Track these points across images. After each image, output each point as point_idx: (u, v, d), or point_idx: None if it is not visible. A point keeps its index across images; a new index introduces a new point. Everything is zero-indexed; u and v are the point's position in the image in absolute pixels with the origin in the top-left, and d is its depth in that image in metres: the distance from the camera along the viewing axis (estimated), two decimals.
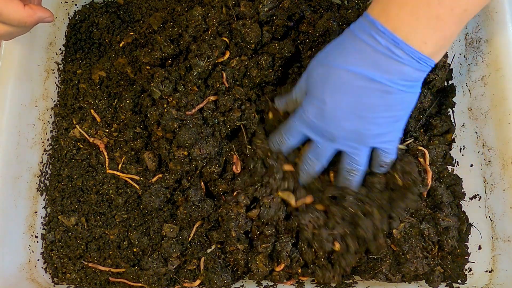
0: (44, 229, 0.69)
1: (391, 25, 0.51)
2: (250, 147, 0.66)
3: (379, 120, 0.56)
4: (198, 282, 0.65)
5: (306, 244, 0.64)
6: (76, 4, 0.78)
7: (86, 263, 0.67)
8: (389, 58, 0.51)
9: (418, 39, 0.50)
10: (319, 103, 0.56)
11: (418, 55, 0.51)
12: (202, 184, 0.67)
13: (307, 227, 0.63)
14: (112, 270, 0.66)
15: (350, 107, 0.55)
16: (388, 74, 0.52)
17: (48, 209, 0.70)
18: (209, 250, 0.65)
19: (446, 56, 0.74)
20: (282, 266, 0.64)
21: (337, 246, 0.62)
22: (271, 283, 0.66)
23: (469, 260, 0.68)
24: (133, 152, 0.69)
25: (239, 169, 0.66)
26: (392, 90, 0.53)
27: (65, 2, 0.76)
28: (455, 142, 0.73)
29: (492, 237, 0.68)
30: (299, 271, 0.65)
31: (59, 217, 0.69)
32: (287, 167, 0.65)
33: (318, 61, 0.58)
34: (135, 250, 0.66)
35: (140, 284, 0.65)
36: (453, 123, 0.73)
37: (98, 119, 0.71)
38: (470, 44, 0.71)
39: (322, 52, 0.59)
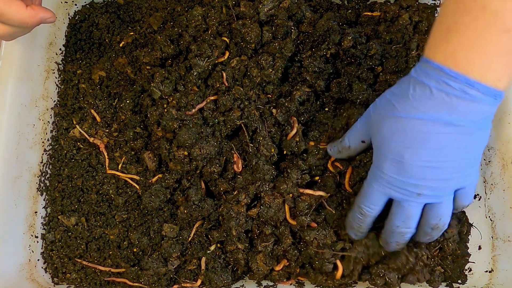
0: (44, 229, 0.69)
1: (461, 69, 0.49)
2: (252, 145, 0.66)
3: (461, 163, 0.53)
4: (198, 282, 0.65)
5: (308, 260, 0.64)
6: (76, 4, 0.78)
7: (80, 261, 0.67)
8: (466, 100, 0.49)
9: (492, 77, 0.49)
10: (397, 158, 0.53)
11: (493, 92, 0.49)
12: (202, 184, 0.67)
13: (311, 243, 0.63)
14: (112, 270, 0.66)
15: (431, 155, 0.52)
16: (465, 115, 0.50)
17: (48, 209, 0.70)
18: (209, 250, 0.65)
19: None
20: (282, 265, 0.65)
21: (340, 270, 0.62)
22: (271, 283, 0.66)
23: (469, 260, 0.68)
24: (133, 152, 0.69)
25: (241, 168, 0.66)
26: (471, 131, 0.51)
27: (65, 2, 0.76)
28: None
29: (492, 237, 0.68)
30: (298, 270, 0.65)
31: (59, 217, 0.69)
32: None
33: (382, 112, 0.55)
34: (135, 250, 0.66)
35: (140, 284, 0.65)
36: None
37: (98, 119, 0.71)
38: None
39: (383, 102, 0.56)
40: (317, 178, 0.67)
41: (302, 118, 0.69)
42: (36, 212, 0.69)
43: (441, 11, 0.53)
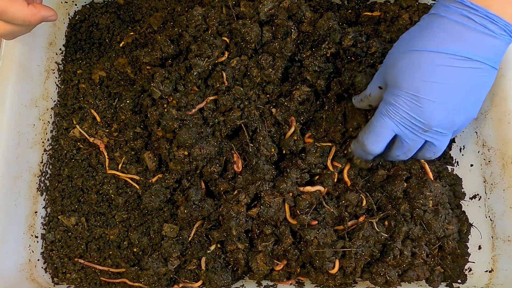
0: (44, 229, 0.69)
1: (483, 2, 0.50)
2: (252, 145, 0.66)
3: (470, 102, 0.55)
4: (200, 283, 0.65)
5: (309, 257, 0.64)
6: (76, 4, 0.78)
7: (79, 261, 0.67)
8: (484, 34, 0.51)
9: (509, 12, 0.50)
10: (413, 93, 0.53)
11: (510, 27, 0.51)
12: (203, 184, 0.67)
13: (312, 243, 0.63)
14: (112, 270, 0.66)
15: (447, 92, 0.53)
16: (483, 52, 0.52)
17: (48, 209, 0.70)
18: (209, 250, 0.65)
19: None
20: (282, 265, 0.65)
21: (336, 267, 0.62)
22: (271, 283, 0.66)
23: (469, 260, 0.68)
24: (133, 152, 0.69)
25: (241, 167, 0.66)
26: (486, 68, 0.52)
27: (65, 2, 0.76)
28: (455, 142, 0.73)
29: (492, 237, 0.68)
30: (298, 270, 0.65)
31: (59, 217, 0.69)
32: None
33: (400, 49, 0.56)
34: (135, 250, 0.66)
35: (140, 284, 0.65)
36: None
37: (98, 119, 0.71)
38: None
39: (402, 39, 0.57)
40: (316, 178, 0.68)
41: (302, 118, 0.69)
42: (36, 212, 0.68)
43: None
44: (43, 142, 0.71)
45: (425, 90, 0.53)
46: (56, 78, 0.74)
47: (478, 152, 0.71)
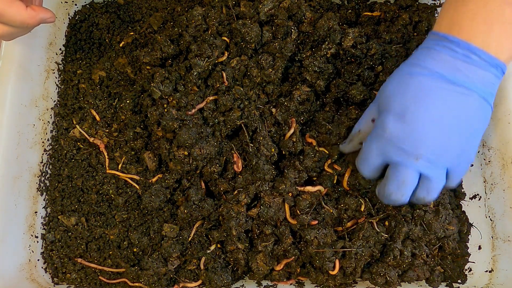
0: (44, 229, 0.69)
1: (465, 36, 0.51)
2: (252, 145, 0.66)
3: (462, 131, 0.53)
4: (199, 282, 0.65)
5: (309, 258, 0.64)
6: (76, 4, 0.78)
7: (79, 260, 0.67)
8: (468, 64, 0.51)
9: (493, 46, 0.51)
10: (401, 113, 0.53)
11: (495, 61, 0.51)
12: (203, 184, 0.67)
13: (312, 243, 0.63)
14: (112, 270, 0.66)
15: (436, 114, 0.52)
16: (468, 77, 0.51)
17: (48, 209, 0.70)
18: (209, 250, 0.65)
19: None
20: (282, 265, 0.65)
21: (336, 267, 0.62)
22: (271, 283, 0.66)
23: (469, 260, 0.68)
24: (133, 152, 0.69)
25: (241, 168, 0.66)
26: (475, 97, 0.52)
27: (65, 2, 0.76)
28: None
29: (492, 237, 0.68)
30: (298, 270, 0.65)
31: (59, 217, 0.69)
32: None
33: (390, 78, 0.57)
34: (135, 250, 0.66)
35: (140, 284, 0.65)
36: None
37: (98, 119, 0.71)
38: None
39: (394, 72, 0.57)
40: (314, 178, 0.68)
41: (302, 118, 0.69)
42: (36, 212, 0.68)
43: None
44: (43, 142, 0.71)
45: (413, 111, 0.52)
46: (56, 78, 0.74)
47: (478, 152, 0.71)
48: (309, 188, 0.64)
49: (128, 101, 0.70)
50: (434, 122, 0.52)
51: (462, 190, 0.71)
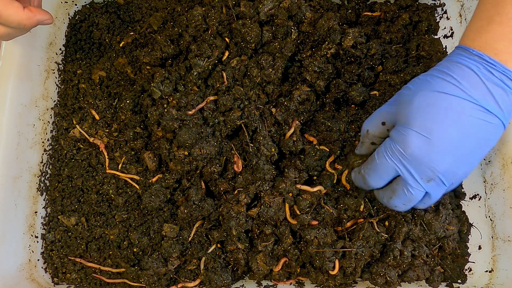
0: (44, 229, 0.69)
1: (501, 58, 0.49)
2: (252, 145, 0.66)
3: (476, 155, 0.52)
4: (197, 281, 0.65)
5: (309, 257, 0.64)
6: (76, 4, 0.78)
7: (79, 260, 0.67)
8: (502, 89, 0.49)
9: None
10: (425, 133, 0.50)
11: None
12: (203, 184, 0.67)
13: (312, 243, 0.63)
14: (112, 270, 0.66)
15: (460, 139, 0.50)
16: (499, 105, 0.50)
17: (48, 209, 0.70)
18: (209, 250, 0.65)
19: None
20: (280, 266, 0.64)
21: (336, 267, 0.62)
22: (271, 283, 0.66)
23: (469, 260, 0.68)
24: (133, 152, 0.69)
25: (241, 168, 0.66)
26: (498, 124, 0.51)
27: (65, 2, 0.76)
28: None
29: (492, 237, 0.68)
30: (298, 270, 0.65)
31: (59, 217, 0.69)
32: None
33: (418, 87, 0.53)
34: (135, 250, 0.66)
35: (140, 284, 0.65)
36: None
37: (98, 118, 0.71)
38: None
39: (419, 80, 0.54)
40: (314, 178, 0.68)
41: (302, 118, 0.69)
42: (36, 212, 0.68)
43: (479, 3, 0.53)
44: (43, 142, 0.71)
45: (438, 133, 0.50)
46: (56, 78, 0.74)
47: None
48: (306, 187, 0.65)
49: (128, 101, 0.70)
50: (455, 148, 0.51)
51: (462, 190, 0.71)
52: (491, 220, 0.68)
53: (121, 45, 0.75)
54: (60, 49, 0.76)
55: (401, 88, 0.57)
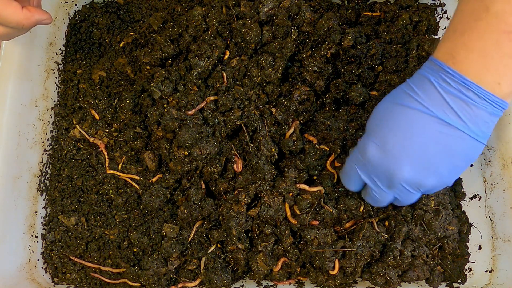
0: (44, 229, 0.69)
1: (460, 68, 0.48)
2: (252, 145, 0.66)
3: (444, 168, 0.52)
4: (197, 281, 0.65)
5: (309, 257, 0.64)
6: (76, 4, 0.78)
7: (78, 260, 0.67)
8: (461, 100, 0.48)
9: (490, 80, 0.47)
10: (380, 140, 0.52)
11: (492, 97, 0.47)
12: (203, 184, 0.67)
13: (312, 243, 0.63)
14: (112, 270, 0.66)
15: (416, 150, 0.50)
16: (459, 117, 0.49)
17: (48, 209, 0.70)
18: (209, 250, 0.65)
19: None
20: (279, 266, 0.64)
21: (336, 267, 0.62)
22: (271, 283, 0.66)
23: (469, 260, 0.68)
24: (133, 152, 0.69)
25: (241, 168, 0.66)
26: (466, 138, 0.50)
27: (65, 2, 0.76)
28: None
29: (492, 237, 0.68)
30: (298, 270, 0.65)
31: (59, 217, 0.69)
32: None
33: (383, 101, 0.55)
34: (135, 250, 0.66)
35: (140, 284, 0.65)
36: None
37: (98, 118, 0.71)
38: None
39: (390, 93, 0.56)
40: (314, 177, 0.68)
41: (302, 118, 0.69)
42: (36, 212, 0.68)
43: (454, 12, 0.52)
44: (43, 142, 0.71)
45: (393, 142, 0.51)
46: (56, 78, 0.74)
47: None
48: (305, 186, 0.65)
49: (128, 101, 0.70)
50: (412, 158, 0.51)
51: (462, 190, 0.71)
52: (491, 220, 0.68)
53: (121, 45, 0.75)
54: (60, 49, 0.76)
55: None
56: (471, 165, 0.71)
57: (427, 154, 0.51)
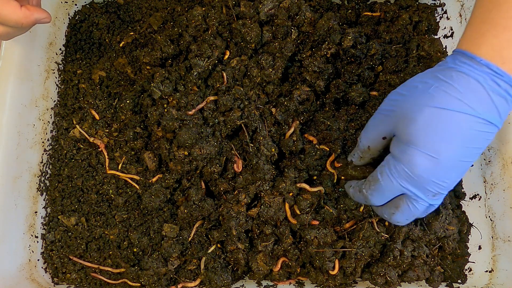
0: (44, 229, 0.69)
1: (508, 68, 0.47)
2: (252, 145, 0.66)
3: (471, 163, 0.52)
4: (197, 281, 0.65)
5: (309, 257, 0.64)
6: (76, 4, 0.78)
7: (78, 260, 0.67)
8: (505, 99, 0.48)
9: None
10: (434, 154, 0.49)
11: None
12: (203, 184, 0.67)
13: (312, 243, 0.63)
14: (112, 270, 0.66)
15: (465, 155, 0.49)
16: (499, 115, 0.49)
17: (48, 209, 0.70)
18: (209, 250, 0.65)
19: None
20: (279, 266, 0.64)
21: (336, 267, 0.62)
22: (271, 283, 0.66)
23: (469, 260, 0.68)
24: (133, 152, 0.69)
25: (241, 168, 0.66)
26: (496, 130, 0.50)
27: (65, 2, 0.76)
28: None
29: (492, 237, 0.68)
30: (298, 270, 0.65)
31: (59, 217, 0.69)
32: None
33: (418, 100, 0.50)
34: (135, 250, 0.66)
35: (140, 284, 0.65)
36: None
37: (98, 118, 0.71)
38: None
39: (416, 88, 0.52)
40: (314, 177, 0.68)
41: (302, 118, 0.69)
42: (36, 212, 0.68)
43: (477, 3, 0.50)
44: (43, 142, 0.71)
45: (446, 153, 0.48)
46: (56, 78, 0.74)
47: None
48: (304, 185, 0.65)
49: (128, 101, 0.70)
50: (460, 163, 0.50)
51: (462, 190, 0.71)
52: (491, 220, 0.68)
53: (121, 45, 0.75)
54: (60, 49, 0.76)
55: (392, 93, 0.55)
56: (471, 165, 0.71)
57: (471, 155, 0.50)
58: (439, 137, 0.49)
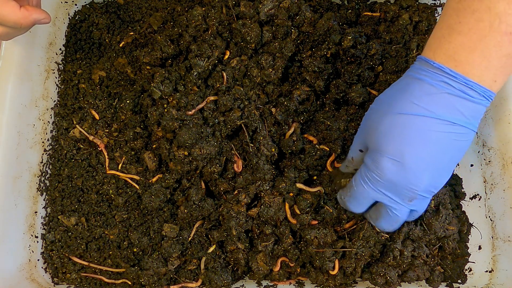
0: (44, 229, 0.69)
1: (462, 69, 0.49)
2: (252, 145, 0.66)
3: (452, 165, 0.53)
4: (199, 282, 0.65)
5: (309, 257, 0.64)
6: (76, 4, 0.78)
7: (78, 260, 0.67)
8: (465, 100, 0.49)
9: (489, 78, 0.49)
10: (397, 158, 0.51)
11: (489, 93, 0.50)
12: (203, 184, 0.67)
13: (312, 243, 0.63)
14: (112, 270, 0.66)
15: (432, 156, 0.51)
16: (465, 117, 0.50)
17: (48, 209, 0.70)
18: (209, 250, 0.65)
19: None
20: (278, 266, 0.64)
21: (336, 267, 0.62)
22: (271, 283, 0.66)
23: (469, 260, 0.68)
24: (133, 152, 0.69)
25: (241, 168, 0.66)
26: (467, 132, 0.51)
27: (65, 2, 0.76)
28: None
29: (492, 237, 0.68)
30: (298, 270, 0.65)
31: (59, 217, 0.69)
32: None
33: (380, 111, 0.54)
34: (135, 250, 0.66)
35: (140, 284, 0.65)
36: None
37: (98, 118, 0.71)
38: None
39: (380, 101, 0.55)
40: (314, 177, 0.68)
41: (302, 118, 0.69)
42: (36, 212, 0.68)
43: (443, 11, 0.52)
44: (43, 142, 0.71)
45: (410, 155, 0.50)
46: (56, 78, 0.74)
47: (478, 152, 0.71)
48: (301, 186, 0.65)
49: (128, 101, 0.70)
50: (430, 165, 0.51)
51: (462, 190, 0.71)
52: (491, 220, 0.68)
53: (121, 45, 0.75)
54: (60, 49, 0.76)
55: (365, 113, 0.57)
56: (471, 165, 0.71)
57: (443, 158, 0.51)
58: (400, 141, 0.51)
